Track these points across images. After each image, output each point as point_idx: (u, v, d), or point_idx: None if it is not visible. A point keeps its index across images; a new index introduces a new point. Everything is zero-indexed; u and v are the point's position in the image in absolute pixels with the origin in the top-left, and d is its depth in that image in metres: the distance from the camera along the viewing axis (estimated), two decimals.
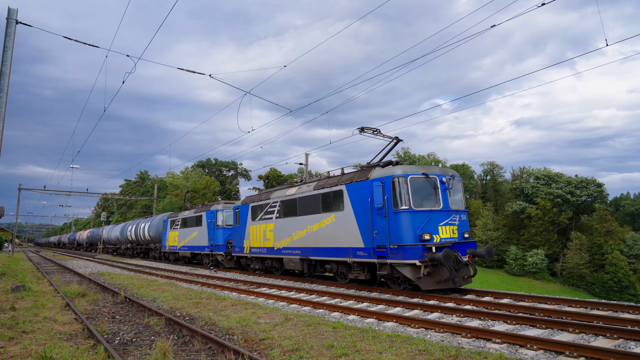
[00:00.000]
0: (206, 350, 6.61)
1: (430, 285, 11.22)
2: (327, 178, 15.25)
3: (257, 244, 18.58)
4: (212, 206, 24.58)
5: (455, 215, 12.20)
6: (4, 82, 11.68)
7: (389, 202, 11.93)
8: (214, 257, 23.81)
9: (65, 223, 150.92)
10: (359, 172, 13.68)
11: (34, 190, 47.80)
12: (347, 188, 13.65)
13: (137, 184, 79.75)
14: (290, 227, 16.34)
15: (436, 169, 12.63)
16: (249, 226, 19.24)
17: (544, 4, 10.49)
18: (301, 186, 16.40)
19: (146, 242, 36.55)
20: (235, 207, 20.96)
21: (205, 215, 24.75)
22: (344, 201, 13.63)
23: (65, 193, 49.33)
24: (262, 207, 18.41)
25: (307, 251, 15.29)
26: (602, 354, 5.91)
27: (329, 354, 6.09)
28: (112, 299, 12.22)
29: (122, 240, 43.18)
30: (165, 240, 30.98)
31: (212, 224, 23.70)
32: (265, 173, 66.98)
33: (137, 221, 40.50)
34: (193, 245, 26.14)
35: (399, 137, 14.14)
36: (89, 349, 6.63)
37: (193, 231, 26.22)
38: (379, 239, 12.10)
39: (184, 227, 27.69)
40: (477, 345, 6.81)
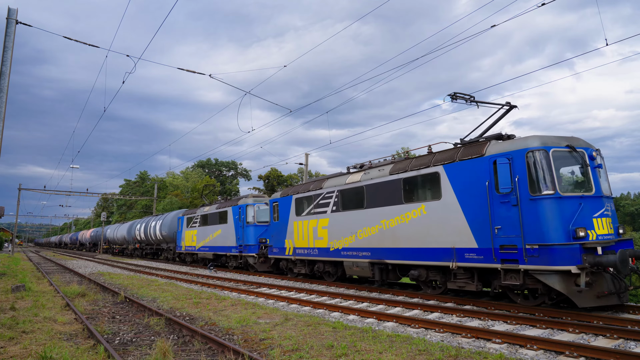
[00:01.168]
0: (206, 350, 6.61)
1: (591, 302, 8.25)
2: (409, 159, 12.23)
3: (303, 244, 15.65)
4: (239, 200, 21.47)
5: (608, 204, 9.20)
6: (4, 82, 11.68)
7: (522, 186, 8.94)
8: (243, 259, 20.87)
9: (65, 223, 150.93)
10: (463, 149, 10.48)
11: (34, 190, 47.82)
12: (445, 169, 10.51)
13: (137, 184, 79.74)
14: (354, 222, 13.28)
15: (580, 141, 9.50)
16: (293, 222, 16.36)
17: (544, 4, 10.49)
18: (369, 171, 13.27)
19: (157, 242, 33.84)
20: (273, 200, 17.98)
21: (231, 211, 21.70)
22: (442, 187, 10.55)
23: (65, 193, 49.36)
24: (311, 199, 15.41)
25: (381, 253, 12.20)
26: (602, 354, 5.91)
27: (329, 354, 6.09)
28: (112, 299, 12.22)
29: (130, 240, 40.96)
30: (181, 240, 28.21)
31: (241, 220, 20.59)
32: (266, 173, 66.97)
33: (147, 219, 37.81)
34: (216, 245, 23.20)
35: (510, 103, 10.87)
36: (89, 349, 6.63)
37: (216, 229, 23.27)
38: (504, 237, 9.15)
39: (204, 225, 24.78)
40: (477, 345, 6.81)
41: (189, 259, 27.78)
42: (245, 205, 20.68)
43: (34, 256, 46.09)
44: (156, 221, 33.87)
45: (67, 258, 40.66)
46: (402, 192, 11.72)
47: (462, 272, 10.20)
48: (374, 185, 12.73)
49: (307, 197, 15.76)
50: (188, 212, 27.90)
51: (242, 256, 20.77)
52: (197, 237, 25.64)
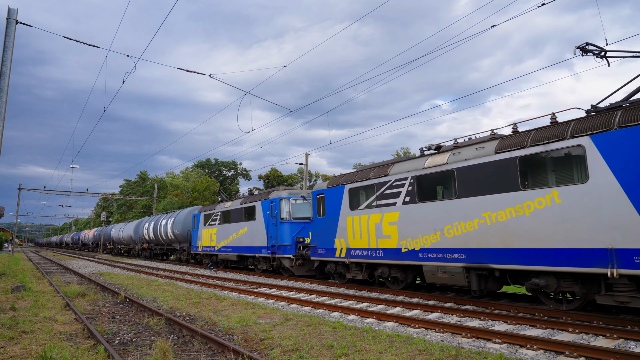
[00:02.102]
0: (206, 350, 6.61)
1: None
2: (525, 132, 9.40)
3: (361, 244, 13.01)
4: (271, 194, 18.90)
5: None
6: (4, 82, 11.69)
7: None
8: (276, 261, 17.99)
9: (65, 223, 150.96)
10: (623, 112, 7.77)
11: (34, 190, 47.83)
12: (596, 141, 7.93)
13: (137, 184, 79.74)
14: (438, 216, 10.68)
15: None
16: (345, 218, 13.68)
17: (544, 4, 10.49)
18: (459, 150, 10.50)
19: (169, 241, 31.08)
20: (317, 191, 15.30)
21: (260, 206, 19.15)
22: (590, 165, 7.97)
23: (65, 193, 49.38)
24: (372, 189, 12.76)
25: (482, 255, 9.57)
26: (602, 354, 5.91)
27: (329, 354, 6.09)
28: (112, 299, 12.22)
29: (137, 239, 38.38)
30: (197, 240, 25.53)
31: (274, 217, 18.00)
32: (266, 173, 66.97)
33: (156, 217, 35.01)
34: (241, 245, 20.53)
35: None
36: (89, 349, 6.63)
37: (240, 227, 20.61)
38: None
39: (225, 223, 22.18)
40: (477, 345, 6.81)
41: (206, 261, 25.00)
42: (279, 199, 17.95)
43: (34, 256, 46.09)
44: (167, 219, 30.96)
45: (67, 258, 40.66)
46: (518, 175, 8.99)
47: (626, 282, 7.50)
48: (470, 169, 9.96)
49: (366, 187, 13.02)
50: (205, 209, 25.31)
51: (275, 258, 17.98)
52: (217, 236, 22.87)
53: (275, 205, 18.08)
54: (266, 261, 19.07)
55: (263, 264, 19.33)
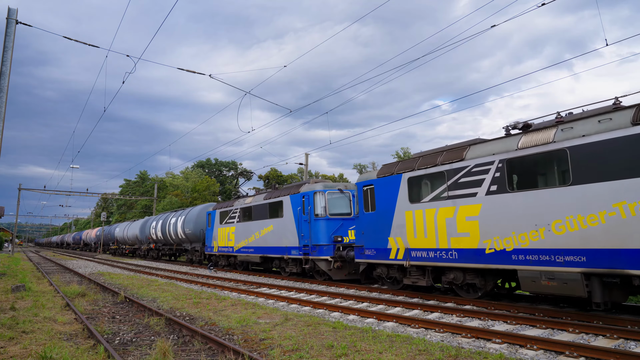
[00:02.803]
0: (206, 350, 6.61)
1: None
2: None
3: (425, 244, 10.89)
4: (302, 187, 16.74)
5: None
6: (4, 82, 11.69)
7: None
8: (310, 263, 15.66)
9: (65, 223, 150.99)
10: None
11: (34, 190, 47.85)
12: None
13: (137, 184, 79.76)
14: (542, 209, 8.64)
15: None
16: (404, 213, 11.54)
17: (544, 4, 10.50)
18: (570, 125, 8.55)
19: (179, 241, 29.20)
20: (364, 182, 13.02)
21: (289, 201, 17.00)
22: None
23: (65, 193, 49.42)
24: (441, 178, 10.69)
25: (615, 258, 7.55)
26: (602, 354, 5.91)
27: (329, 354, 6.09)
28: (112, 299, 12.22)
29: (143, 239, 36.47)
30: (212, 239, 23.45)
31: (306, 213, 15.82)
32: (266, 173, 66.96)
33: (165, 215, 33.05)
34: (265, 245, 18.38)
35: None
36: (89, 349, 6.63)
37: (265, 225, 18.49)
38: None
39: (245, 221, 20.06)
40: (477, 345, 6.81)
41: (223, 262, 22.99)
42: (312, 192, 15.79)
43: (34, 256, 46.09)
44: (177, 217, 28.96)
45: (67, 258, 40.67)
46: None
47: None
48: (592, 147, 7.96)
49: (432, 175, 10.93)
50: (221, 206, 23.14)
51: (308, 260, 15.77)
52: (236, 235, 20.74)
53: (309, 200, 15.81)
54: (296, 263, 16.82)
55: (292, 267, 16.99)
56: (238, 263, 21.69)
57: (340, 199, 16.10)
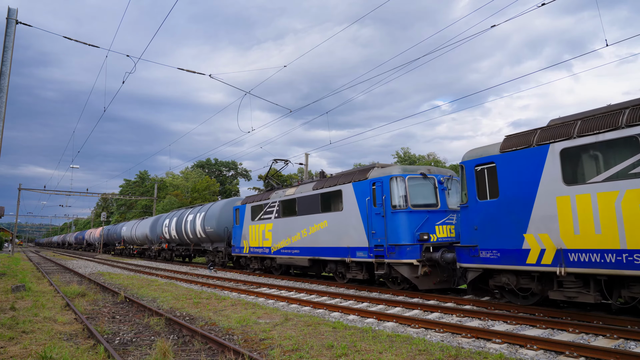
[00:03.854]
0: (206, 350, 6.61)
1: None
2: None
3: (599, 242, 7.79)
4: (370, 172, 13.32)
5: None
6: (4, 82, 11.69)
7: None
8: (386, 268, 12.30)
9: (65, 223, 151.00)
10: None
11: (34, 190, 47.86)
12: None
13: (136, 184, 79.80)
14: None
15: None
16: (553, 199, 8.49)
17: (544, 4, 10.50)
18: None
19: (197, 240, 26.23)
20: (474, 160, 9.98)
21: (351, 190, 13.66)
22: None
23: (65, 193, 49.43)
24: (624, 147, 7.64)
25: None
26: (602, 354, 5.91)
27: (329, 354, 6.09)
28: (112, 299, 12.22)
29: (154, 239, 33.58)
30: (241, 239, 20.24)
31: (379, 204, 12.54)
32: (266, 173, 66.95)
33: (179, 212, 30.17)
34: (316, 246, 15.12)
35: None
36: (89, 349, 6.63)
37: (316, 221, 15.21)
38: None
39: (287, 216, 16.90)
40: (477, 345, 6.82)
41: (255, 266, 19.73)
42: (388, 178, 12.47)
43: (34, 256, 46.10)
44: (195, 214, 26.11)
45: (67, 258, 40.67)
46: None
47: None
48: None
49: (610, 143, 7.85)
50: (253, 199, 19.94)
51: (383, 264, 12.42)
52: (274, 233, 17.66)
53: (382, 188, 12.55)
54: (361, 268, 13.51)
55: (356, 272, 13.63)
56: (275, 266, 18.34)
57: (423, 186, 12.65)
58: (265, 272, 19.19)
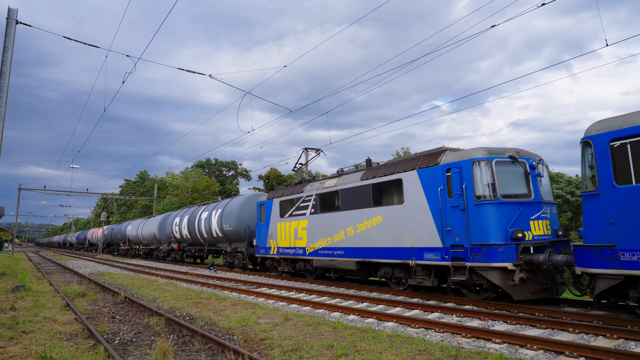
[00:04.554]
0: (206, 350, 6.61)
1: None
2: None
3: None
4: (441, 156, 11.17)
5: None
6: (4, 82, 11.69)
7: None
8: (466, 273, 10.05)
9: (65, 223, 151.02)
10: None
11: (34, 190, 47.87)
12: None
13: (137, 184, 79.82)
14: None
15: None
16: None
17: (544, 4, 10.50)
18: None
19: (212, 240, 24.13)
20: (611, 133, 7.90)
21: (416, 178, 11.44)
22: None
23: (65, 193, 49.45)
24: None
25: None
26: (602, 354, 5.92)
27: (329, 354, 6.09)
28: (112, 299, 12.22)
29: (162, 238, 31.73)
30: (267, 238, 18.12)
31: (457, 195, 10.36)
32: (266, 173, 66.95)
33: (191, 209, 27.99)
34: (367, 246, 12.82)
35: None
36: (89, 349, 6.63)
37: (366, 216, 12.94)
38: None
39: (327, 211, 14.73)
40: (477, 345, 6.82)
41: (285, 269, 17.45)
42: (470, 162, 10.28)
43: (34, 256, 46.10)
44: (211, 211, 24.02)
45: (67, 258, 40.67)
46: None
47: None
48: None
49: None
50: (282, 193, 17.64)
51: (463, 268, 10.12)
52: (310, 231, 15.46)
53: (462, 174, 10.35)
54: (430, 272, 11.24)
55: (423, 277, 11.33)
56: (310, 270, 16.18)
57: (513, 172, 10.47)
58: (296, 276, 17.25)
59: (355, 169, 14.76)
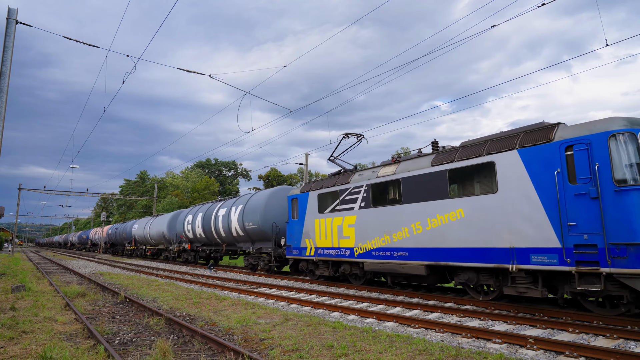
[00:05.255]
0: (206, 350, 6.61)
1: None
2: None
3: None
4: (555, 131, 8.85)
5: None
6: (4, 82, 11.69)
7: None
8: (603, 281, 7.63)
9: (65, 223, 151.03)
10: None
11: (34, 190, 47.86)
12: None
13: (136, 184, 79.85)
14: None
15: None
16: None
17: (544, 4, 10.50)
18: None
19: (232, 240, 21.93)
20: None
21: (515, 160, 9.22)
22: None
23: (65, 193, 49.42)
24: None
25: None
26: (602, 354, 5.92)
27: (329, 354, 6.09)
28: (112, 299, 12.22)
29: (172, 238, 29.79)
30: (302, 237, 15.72)
31: (583, 180, 8.13)
32: (266, 173, 66.95)
33: (206, 206, 25.74)
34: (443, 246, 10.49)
35: None
36: (89, 349, 6.63)
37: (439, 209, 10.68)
38: None
39: (383, 204, 12.36)
40: (477, 345, 6.81)
41: (324, 272, 14.97)
42: (606, 136, 8.03)
43: (34, 256, 46.10)
44: (229, 207, 21.73)
45: (67, 258, 40.67)
46: None
47: None
48: None
49: None
50: (319, 184, 15.33)
51: (598, 275, 7.76)
52: (359, 229, 13.11)
53: (592, 153, 8.15)
54: (536, 279, 8.91)
55: (527, 285, 8.95)
56: (358, 274, 13.64)
57: None
58: (338, 281, 15.16)
59: (418, 154, 12.40)
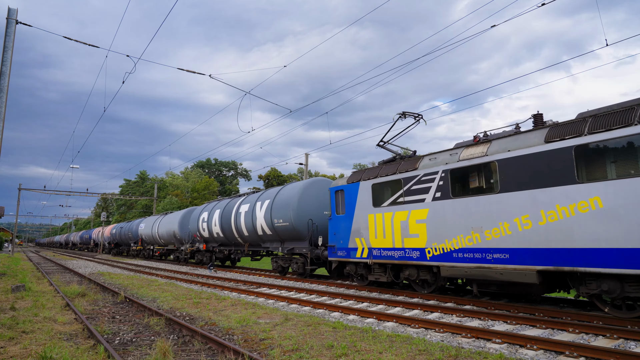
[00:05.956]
0: (206, 350, 6.61)
1: None
2: None
3: None
4: None
5: None
6: (4, 82, 11.69)
7: None
8: None
9: (65, 223, 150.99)
10: None
11: (34, 190, 47.86)
12: None
13: (137, 184, 79.85)
14: None
15: None
16: None
17: (544, 4, 10.50)
18: None
19: (257, 239, 19.58)
20: None
21: None
22: None
23: (65, 193, 49.43)
24: None
25: None
26: (602, 354, 5.91)
27: (329, 354, 6.09)
28: (112, 299, 12.22)
29: (185, 237, 27.62)
30: (351, 235, 13.34)
31: None
32: (266, 173, 66.92)
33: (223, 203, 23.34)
34: (563, 247, 8.13)
35: None
36: (89, 349, 6.63)
37: (558, 199, 8.25)
38: None
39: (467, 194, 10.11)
40: (477, 345, 6.81)
41: (380, 277, 12.60)
42: None
43: (34, 256, 46.10)
44: (253, 203, 19.43)
45: (67, 258, 40.67)
46: None
47: None
48: None
49: None
50: (373, 173, 12.93)
51: None
52: (432, 224, 10.86)
53: None
54: None
55: None
56: (428, 280, 11.41)
57: None
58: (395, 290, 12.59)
59: (516, 131, 9.83)
